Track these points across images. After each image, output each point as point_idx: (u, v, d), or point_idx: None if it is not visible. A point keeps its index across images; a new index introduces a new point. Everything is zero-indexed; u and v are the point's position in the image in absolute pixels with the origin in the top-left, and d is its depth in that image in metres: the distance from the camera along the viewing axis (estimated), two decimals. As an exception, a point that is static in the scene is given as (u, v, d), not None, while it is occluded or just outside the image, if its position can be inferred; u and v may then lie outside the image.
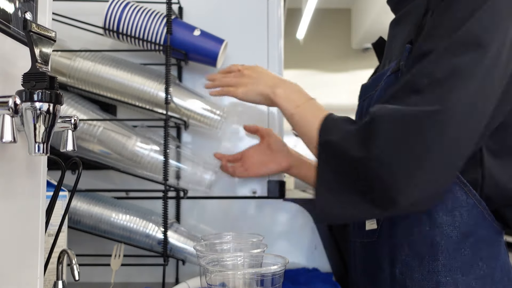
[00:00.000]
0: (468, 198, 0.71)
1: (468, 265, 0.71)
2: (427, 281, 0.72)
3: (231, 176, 1.16)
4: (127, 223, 1.04)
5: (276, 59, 1.24)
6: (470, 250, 0.72)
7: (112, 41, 1.18)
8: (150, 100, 1.08)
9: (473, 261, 0.72)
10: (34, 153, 0.47)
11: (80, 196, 1.06)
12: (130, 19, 1.07)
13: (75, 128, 0.54)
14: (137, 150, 1.06)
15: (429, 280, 0.72)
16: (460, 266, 0.71)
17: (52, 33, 0.49)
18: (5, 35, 0.48)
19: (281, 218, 1.22)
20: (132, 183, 1.16)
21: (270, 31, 1.24)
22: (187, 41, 1.08)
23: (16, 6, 0.49)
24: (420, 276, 0.73)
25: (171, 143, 1.07)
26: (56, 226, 0.74)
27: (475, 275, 0.71)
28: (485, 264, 0.72)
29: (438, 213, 0.72)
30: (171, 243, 1.04)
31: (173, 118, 1.12)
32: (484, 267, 0.72)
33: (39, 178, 0.56)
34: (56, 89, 0.48)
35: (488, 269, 0.72)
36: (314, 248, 1.21)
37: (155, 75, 1.09)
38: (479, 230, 0.72)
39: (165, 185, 1.02)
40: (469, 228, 0.72)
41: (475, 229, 0.72)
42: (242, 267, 0.71)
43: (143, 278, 1.14)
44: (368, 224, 0.82)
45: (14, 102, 0.42)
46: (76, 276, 0.70)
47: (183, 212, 1.20)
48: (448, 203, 0.72)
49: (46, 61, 0.49)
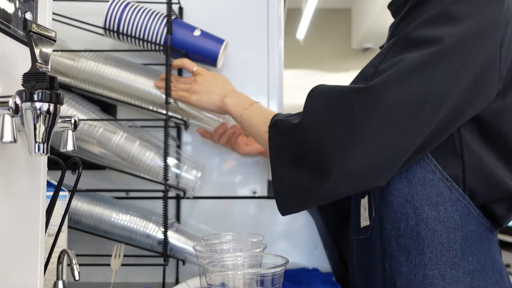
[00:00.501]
0: (452, 193, 0.72)
1: (457, 259, 0.72)
2: (414, 274, 0.73)
3: (212, 141, 1.16)
4: (127, 223, 1.04)
5: (276, 59, 1.24)
6: (458, 245, 0.72)
7: (112, 41, 1.18)
8: (154, 100, 1.09)
9: (462, 256, 0.72)
10: (34, 153, 0.47)
11: (80, 196, 1.07)
12: (130, 19, 1.07)
13: (75, 128, 0.54)
14: (136, 153, 1.06)
15: (416, 274, 0.73)
16: (447, 260, 0.72)
17: (52, 33, 0.49)
18: (5, 35, 0.48)
19: (281, 218, 1.22)
20: (132, 183, 1.16)
21: (270, 31, 1.24)
22: (187, 41, 1.08)
23: (16, 6, 0.49)
24: (407, 270, 0.73)
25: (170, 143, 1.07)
26: (56, 226, 0.74)
27: (464, 270, 0.72)
28: (475, 259, 0.72)
29: (424, 208, 0.73)
30: (172, 243, 1.04)
31: (173, 118, 1.12)
32: (474, 262, 0.72)
33: (39, 178, 0.56)
34: (56, 89, 0.48)
35: (478, 264, 0.73)
36: (314, 248, 1.21)
37: (157, 76, 1.10)
38: (466, 225, 0.73)
39: (165, 185, 1.02)
40: (455, 222, 0.72)
41: (462, 224, 0.72)
42: (242, 267, 0.71)
43: (143, 278, 1.14)
44: (362, 221, 0.83)
45: (14, 102, 0.42)
46: (76, 276, 0.70)
47: (183, 212, 1.20)
48: (432, 198, 0.73)
49: (46, 61, 0.49)
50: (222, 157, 1.22)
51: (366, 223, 0.81)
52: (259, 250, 0.77)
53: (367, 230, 0.81)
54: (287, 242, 1.21)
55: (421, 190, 0.73)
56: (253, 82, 1.23)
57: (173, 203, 1.18)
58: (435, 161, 0.73)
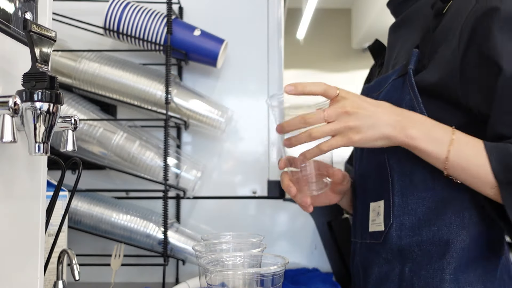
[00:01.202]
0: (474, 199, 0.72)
1: (472, 262, 0.72)
2: (432, 278, 0.73)
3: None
4: (128, 223, 1.04)
5: (276, 59, 1.24)
6: (478, 250, 0.73)
7: (112, 41, 1.18)
8: (156, 101, 1.09)
9: (477, 259, 0.73)
10: (34, 153, 0.47)
11: (80, 196, 1.06)
12: (130, 19, 1.07)
13: (75, 128, 0.54)
14: (136, 152, 1.06)
15: (434, 277, 0.73)
16: (464, 264, 0.72)
17: (52, 33, 0.49)
18: (5, 35, 0.48)
19: (281, 218, 1.22)
20: (132, 183, 1.16)
21: (270, 31, 1.24)
22: (187, 41, 1.08)
23: (16, 6, 0.49)
24: (426, 273, 0.74)
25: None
26: (56, 226, 0.74)
27: (476, 272, 0.72)
28: (488, 261, 0.73)
29: (447, 214, 0.73)
30: (172, 243, 1.04)
31: (173, 118, 1.12)
32: (486, 264, 0.73)
33: (39, 178, 0.56)
34: (56, 89, 0.48)
35: (491, 266, 0.73)
36: (314, 248, 1.21)
37: (160, 76, 1.10)
38: (488, 231, 0.73)
39: (165, 185, 1.02)
40: (478, 229, 0.73)
41: (483, 229, 0.73)
42: (242, 267, 0.71)
43: (143, 278, 1.14)
44: (373, 226, 0.82)
45: (14, 102, 0.42)
46: (76, 276, 0.70)
47: (183, 212, 1.20)
48: (456, 204, 0.73)
49: (46, 61, 0.49)
50: (222, 157, 1.22)
51: (378, 229, 0.80)
52: (259, 250, 0.76)
53: (379, 235, 0.80)
54: (287, 242, 1.21)
55: (446, 198, 0.73)
56: (253, 82, 1.23)
57: (173, 203, 1.18)
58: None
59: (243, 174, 1.22)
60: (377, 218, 0.81)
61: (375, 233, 0.81)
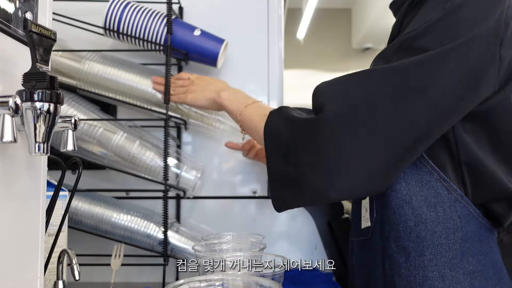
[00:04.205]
0: (450, 194, 0.72)
1: (457, 260, 0.72)
2: (413, 276, 0.73)
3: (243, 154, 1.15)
4: (128, 223, 1.04)
5: (276, 59, 1.24)
6: (458, 245, 0.72)
7: (112, 41, 1.18)
8: (157, 101, 1.09)
9: (462, 256, 0.72)
10: (34, 153, 0.47)
11: (81, 196, 1.07)
12: (130, 19, 1.07)
13: (75, 128, 0.54)
14: (136, 152, 1.06)
15: (415, 275, 0.72)
16: (447, 261, 0.71)
17: (52, 33, 0.49)
18: (5, 35, 0.48)
19: (281, 218, 1.22)
20: (132, 183, 1.16)
21: (270, 31, 1.24)
22: (187, 41, 1.08)
23: (16, 6, 0.49)
24: (406, 271, 0.73)
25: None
26: (56, 226, 0.74)
27: (464, 270, 0.72)
28: (475, 260, 0.72)
29: (422, 209, 0.72)
30: (172, 244, 1.04)
31: (173, 118, 1.12)
32: (474, 263, 0.72)
33: (39, 178, 0.56)
34: (56, 89, 0.48)
35: (478, 265, 0.72)
36: (314, 248, 1.21)
37: (159, 76, 1.10)
38: (466, 226, 0.72)
39: (165, 185, 1.02)
40: (454, 223, 0.72)
41: (461, 224, 0.72)
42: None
43: (143, 278, 1.14)
44: (363, 222, 0.82)
45: (15, 102, 0.42)
46: (76, 276, 0.70)
47: (183, 212, 1.20)
48: (430, 199, 0.72)
49: (46, 61, 0.49)
50: (222, 157, 1.22)
51: (367, 224, 0.81)
52: (259, 250, 0.76)
53: (368, 231, 0.81)
54: (287, 242, 1.21)
55: (419, 192, 0.73)
56: (253, 82, 1.23)
57: (173, 203, 1.18)
58: (432, 162, 0.73)
59: (243, 174, 1.22)
60: (365, 214, 0.82)
61: (365, 229, 0.82)
